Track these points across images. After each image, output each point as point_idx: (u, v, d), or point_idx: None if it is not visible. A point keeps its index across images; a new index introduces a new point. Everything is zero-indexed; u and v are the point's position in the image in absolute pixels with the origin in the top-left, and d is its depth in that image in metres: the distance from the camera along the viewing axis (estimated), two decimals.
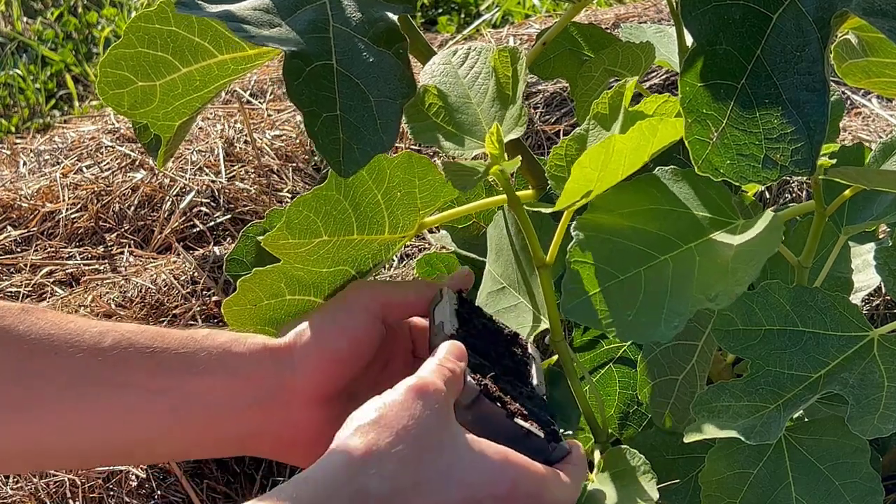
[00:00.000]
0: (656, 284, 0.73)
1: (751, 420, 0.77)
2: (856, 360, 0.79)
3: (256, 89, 1.85)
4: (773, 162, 0.67)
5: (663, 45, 1.12)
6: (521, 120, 0.85)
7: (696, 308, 0.71)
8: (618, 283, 0.73)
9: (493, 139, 0.81)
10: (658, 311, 0.72)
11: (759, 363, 0.80)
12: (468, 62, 0.91)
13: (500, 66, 0.88)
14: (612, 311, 0.72)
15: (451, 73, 0.91)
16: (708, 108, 0.68)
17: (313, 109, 0.76)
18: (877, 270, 0.86)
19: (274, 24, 0.78)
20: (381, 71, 0.78)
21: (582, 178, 0.75)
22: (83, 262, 1.46)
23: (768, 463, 0.81)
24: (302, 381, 0.80)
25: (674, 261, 0.74)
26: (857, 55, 0.96)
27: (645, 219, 0.76)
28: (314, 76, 0.76)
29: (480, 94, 0.89)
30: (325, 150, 0.76)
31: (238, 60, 0.98)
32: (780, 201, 1.42)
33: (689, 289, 0.72)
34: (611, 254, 0.74)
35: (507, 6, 2.50)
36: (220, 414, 0.79)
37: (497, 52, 0.89)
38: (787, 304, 0.81)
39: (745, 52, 0.67)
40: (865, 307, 1.27)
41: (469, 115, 0.88)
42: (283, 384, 0.80)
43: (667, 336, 0.71)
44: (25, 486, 1.12)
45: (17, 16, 2.74)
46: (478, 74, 0.90)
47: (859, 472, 0.80)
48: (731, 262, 0.72)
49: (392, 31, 0.79)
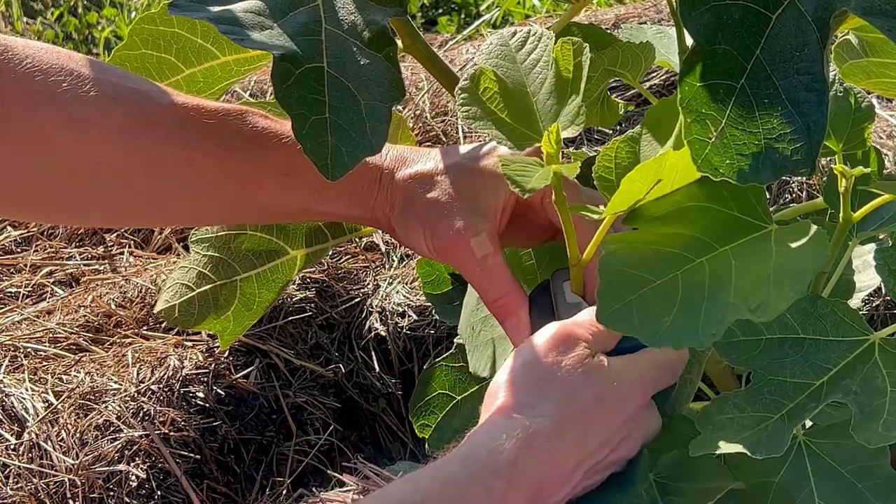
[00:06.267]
0: (693, 289, 0.72)
1: (756, 432, 0.76)
2: (857, 366, 0.79)
3: (256, 90, 1.85)
4: (773, 162, 0.67)
5: (663, 45, 1.11)
6: (578, 118, 0.81)
7: (735, 316, 0.69)
8: (654, 288, 0.72)
9: (551, 138, 0.77)
10: (696, 317, 0.70)
11: (762, 373, 0.79)
12: (527, 46, 0.87)
13: (562, 58, 0.84)
14: (650, 317, 0.71)
15: (508, 56, 0.87)
16: (707, 108, 0.67)
17: (302, 112, 0.75)
18: (877, 271, 0.85)
19: (265, 26, 0.77)
20: (372, 74, 0.78)
21: (631, 191, 0.73)
22: (83, 263, 1.47)
23: (790, 469, 0.81)
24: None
25: (710, 264, 0.73)
26: (858, 55, 0.96)
27: (681, 219, 0.75)
28: (303, 79, 0.76)
29: (537, 83, 0.85)
30: (313, 153, 0.75)
31: (241, 62, 0.98)
32: (780, 202, 1.42)
33: (727, 295, 0.70)
34: (643, 260, 0.73)
35: (507, 6, 2.50)
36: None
37: (560, 43, 0.84)
38: (787, 312, 0.80)
39: (744, 52, 0.67)
40: (865, 307, 1.27)
41: (524, 106, 0.84)
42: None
43: (704, 343, 0.70)
44: (25, 487, 1.12)
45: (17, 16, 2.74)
46: (536, 62, 0.86)
47: (881, 473, 0.80)
48: (773, 273, 0.71)
49: (383, 35, 0.79)
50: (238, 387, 1.27)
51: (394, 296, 1.44)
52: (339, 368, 1.39)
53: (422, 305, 1.43)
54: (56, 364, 1.27)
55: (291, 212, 0.95)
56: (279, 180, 0.90)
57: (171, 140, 0.86)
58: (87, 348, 1.31)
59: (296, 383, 1.34)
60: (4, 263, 1.47)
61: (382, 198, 0.92)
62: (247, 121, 0.89)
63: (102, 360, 1.28)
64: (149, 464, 1.16)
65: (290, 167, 0.89)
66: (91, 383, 1.22)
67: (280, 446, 1.30)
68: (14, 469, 1.14)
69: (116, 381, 1.22)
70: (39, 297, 1.41)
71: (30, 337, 1.32)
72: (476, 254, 0.88)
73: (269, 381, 1.32)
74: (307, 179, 0.90)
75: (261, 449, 1.30)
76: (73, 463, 1.14)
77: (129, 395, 1.20)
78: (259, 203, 0.92)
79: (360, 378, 1.40)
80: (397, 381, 1.42)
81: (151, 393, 1.22)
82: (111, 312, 1.36)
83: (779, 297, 0.69)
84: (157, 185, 0.88)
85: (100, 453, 1.15)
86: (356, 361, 1.41)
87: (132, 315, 1.35)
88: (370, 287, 1.47)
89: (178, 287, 1.04)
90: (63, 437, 1.16)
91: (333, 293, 1.45)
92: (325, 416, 1.34)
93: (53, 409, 1.18)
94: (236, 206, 0.92)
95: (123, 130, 0.85)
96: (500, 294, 0.89)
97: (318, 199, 0.92)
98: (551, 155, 0.78)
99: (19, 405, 1.19)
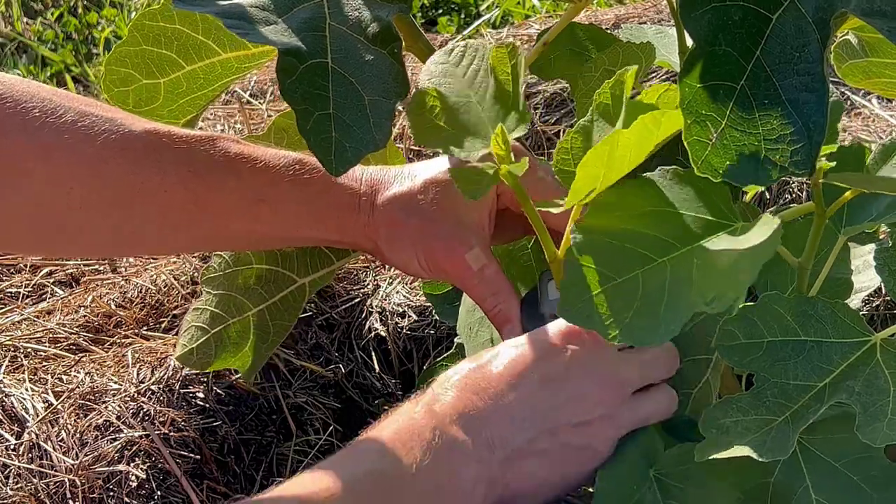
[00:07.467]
0: (654, 287, 0.73)
1: (760, 435, 0.76)
2: (859, 367, 0.79)
3: (256, 90, 1.85)
4: (773, 163, 0.67)
5: (663, 45, 1.11)
6: (524, 117, 0.83)
7: (692, 311, 0.71)
8: (615, 286, 0.73)
9: (498, 140, 0.80)
10: (656, 315, 0.71)
11: (765, 375, 0.79)
12: (465, 60, 0.89)
13: (498, 64, 0.87)
14: (612, 313, 0.72)
15: (449, 72, 0.89)
16: (707, 109, 0.68)
17: (306, 108, 0.76)
18: (877, 271, 0.86)
19: (270, 21, 0.77)
20: (376, 70, 0.78)
21: (587, 176, 0.74)
22: (83, 263, 1.46)
23: (784, 469, 0.81)
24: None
25: (671, 263, 0.74)
26: (858, 56, 0.96)
27: (644, 221, 0.76)
28: (308, 74, 0.76)
29: (480, 92, 0.87)
30: (317, 148, 0.76)
31: (241, 59, 0.98)
32: (780, 202, 1.42)
33: (688, 292, 0.71)
34: (609, 256, 0.74)
35: (507, 6, 2.49)
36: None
37: (494, 50, 0.87)
38: (787, 314, 0.80)
39: (744, 53, 0.67)
40: (865, 308, 1.27)
41: (471, 115, 0.87)
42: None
43: (663, 340, 0.71)
44: (25, 487, 1.12)
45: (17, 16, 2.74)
46: (476, 72, 0.88)
47: (876, 464, 0.80)
48: (729, 266, 0.72)
49: (388, 31, 0.79)
50: (238, 387, 1.27)
51: (394, 296, 1.44)
52: (339, 368, 1.39)
53: (422, 305, 1.43)
54: (56, 364, 1.27)
55: (270, 238, 0.94)
56: (254, 206, 0.90)
57: (142, 166, 0.86)
58: (87, 348, 1.31)
59: (296, 383, 1.34)
60: (4, 263, 1.47)
61: (363, 224, 0.92)
62: (218, 147, 0.89)
63: (102, 360, 1.28)
64: (149, 464, 1.16)
65: (265, 193, 0.89)
66: (91, 383, 1.22)
67: (280, 446, 1.30)
68: (14, 469, 1.13)
69: (116, 382, 1.22)
70: (39, 298, 1.41)
71: (30, 337, 1.32)
72: (473, 267, 0.89)
73: (269, 382, 1.32)
74: (282, 206, 0.90)
75: (261, 449, 1.29)
76: (73, 463, 1.13)
77: (129, 395, 1.20)
78: (235, 229, 0.91)
79: (360, 378, 1.40)
80: (397, 381, 1.42)
81: (151, 393, 1.22)
82: (111, 312, 1.36)
83: (731, 287, 0.70)
84: (131, 214, 0.87)
85: (100, 453, 1.15)
86: (356, 361, 1.41)
87: (132, 315, 1.35)
88: (370, 287, 1.47)
89: (192, 330, 1.04)
90: (63, 438, 1.16)
91: (333, 293, 1.45)
92: (325, 416, 1.34)
93: (53, 410, 1.18)
94: (213, 233, 0.91)
95: (95, 157, 0.84)
96: (497, 302, 0.90)
97: (295, 226, 0.92)
98: (502, 156, 0.80)
99: (19, 405, 1.19)
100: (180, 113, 1.00)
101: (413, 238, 0.91)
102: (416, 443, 0.77)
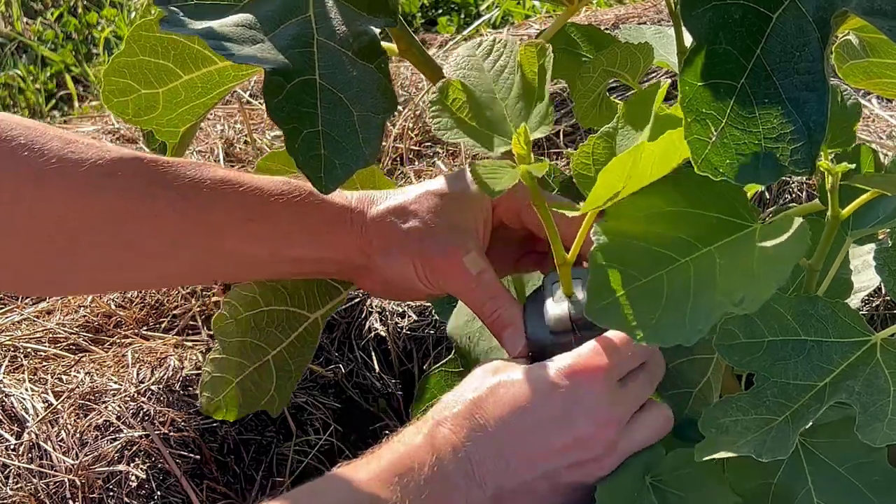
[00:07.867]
0: (678, 287, 0.72)
1: (760, 435, 0.76)
2: (860, 366, 0.79)
3: (256, 90, 1.85)
4: (773, 162, 0.67)
5: (662, 45, 1.11)
6: (547, 118, 0.83)
7: (721, 311, 0.70)
8: (640, 286, 0.73)
9: (520, 139, 0.79)
10: (682, 315, 0.70)
11: (765, 375, 0.79)
12: (493, 55, 0.88)
13: (527, 62, 0.86)
14: (637, 313, 0.72)
15: (475, 65, 0.88)
16: (707, 108, 0.67)
17: (294, 126, 0.75)
18: (877, 271, 0.85)
19: (256, 40, 0.76)
20: (364, 85, 0.77)
21: (608, 183, 0.74)
22: None
23: (787, 470, 0.81)
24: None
25: (694, 263, 0.73)
26: (858, 56, 0.96)
27: (664, 221, 0.75)
28: (295, 92, 0.75)
29: (505, 89, 0.87)
30: (306, 166, 0.75)
31: (238, 67, 0.98)
32: (780, 201, 1.42)
33: (713, 292, 0.71)
34: (632, 257, 0.73)
35: (507, 6, 2.50)
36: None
37: (523, 48, 0.86)
38: (787, 314, 0.80)
39: (744, 52, 0.67)
40: (865, 308, 1.27)
41: (494, 112, 0.86)
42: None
43: (691, 340, 0.70)
44: (25, 487, 1.12)
45: (17, 16, 2.74)
46: (503, 68, 0.87)
47: (879, 468, 0.80)
48: (756, 267, 0.71)
49: (374, 45, 0.78)
50: None
51: None
52: (339, 368, 1.39)
53: (422, 305, 1.43)
54: (56, 364, 1.27)
55: (262, 259, 0.93)
56: (244, 226, 0.89)
57: (131, 190, 0.85)
58: (86, 348, 1.31)
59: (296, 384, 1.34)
60: None
61: (356, 236, 0.92)
62: (205, 172, 0.89)
63: (102, 360, 1.28)
64: (149, 464, 1.16)
65: (255, 212, 0.89)
66: (91, 383, 1.22)
67: (280, 446, 1.30)
68: (14, 469, 1.13)
69: (116, 382, 1.22)
70: (39, 297, 1.41)
71: (30, 337, 1.32)
72: (472, 271, 0.89)
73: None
74: (272, 225, 0.90)
75: (261, 449, 1.29)
76: (72, 463, 1.13)
77: (129, 395, 1.20)
78: (226, 250, 0.90)
79: (360, 378, 1.40)
80: (397, 381, 1.42)
81: (151, 393, 1.22)
82: (111, 312, 1.36)
83: (761, 289, 0.70)
84: (123, 240, 0.87)
85: (100, 453, 1.15)
86: (356, 361, 1.41)
87: (132, 315, 1.35)
88: None
89: (215, 382, 1.03)
90: (63, 438, 1.16)
91: None
92: (325, 416, 1.34)
93: (53, 410, 1.18)
94: (204, 257, 0.91)
95: (84, 182, 0.83)
96: (497, 307, 0.89)
97: (286, 244, 0.91)
98: (522, 155, 0.80)
99: (19, 405, 1.19)
100: (179, 121, 1.00)
101: (409, 245, 0.90)
102: (413, 476, 0.78)
